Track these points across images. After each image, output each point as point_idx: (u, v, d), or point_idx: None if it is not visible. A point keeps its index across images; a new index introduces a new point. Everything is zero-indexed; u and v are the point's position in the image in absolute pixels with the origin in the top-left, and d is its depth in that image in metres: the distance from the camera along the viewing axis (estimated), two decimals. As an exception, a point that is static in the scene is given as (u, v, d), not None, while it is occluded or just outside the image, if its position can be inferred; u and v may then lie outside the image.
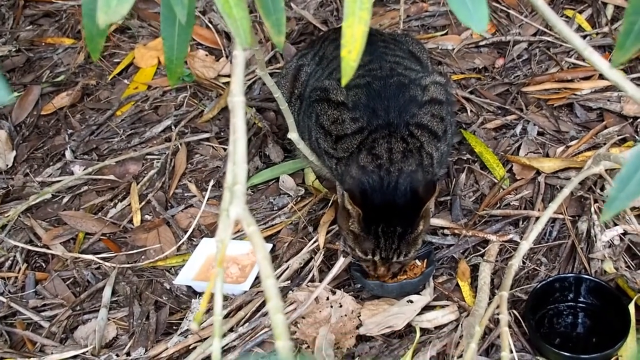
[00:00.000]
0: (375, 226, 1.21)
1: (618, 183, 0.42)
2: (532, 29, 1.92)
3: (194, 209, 1.60)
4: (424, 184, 1.23)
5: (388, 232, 1.21)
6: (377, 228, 1.21)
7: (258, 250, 0.44)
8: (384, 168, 1.23)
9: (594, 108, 1.68)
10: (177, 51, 0.73)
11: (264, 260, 0.44)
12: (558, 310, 1.28)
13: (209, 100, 1.87)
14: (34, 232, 1.59)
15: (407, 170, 1.23)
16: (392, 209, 1.22)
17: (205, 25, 2.06)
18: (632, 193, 0.41)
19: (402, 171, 1.23)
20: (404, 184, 1.22)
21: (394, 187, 1.22)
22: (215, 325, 0.54)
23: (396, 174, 1.22)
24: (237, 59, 0.54)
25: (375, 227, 1.21)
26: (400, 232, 1.21)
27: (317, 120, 1.35)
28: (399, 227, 1.21)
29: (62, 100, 1.93)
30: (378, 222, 1.21)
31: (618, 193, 0.42)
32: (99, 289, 1.45)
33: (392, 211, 1.22)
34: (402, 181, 1.22)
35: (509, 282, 0.89)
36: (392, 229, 1.21)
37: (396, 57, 1.43)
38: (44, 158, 1.79)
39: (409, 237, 1.23)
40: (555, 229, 1.42)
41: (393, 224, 1.21)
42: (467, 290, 1.33)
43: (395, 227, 1.21)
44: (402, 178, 1.22)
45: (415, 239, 1.24)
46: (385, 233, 1.21)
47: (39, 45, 2.13)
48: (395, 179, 1.22)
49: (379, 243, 1.23)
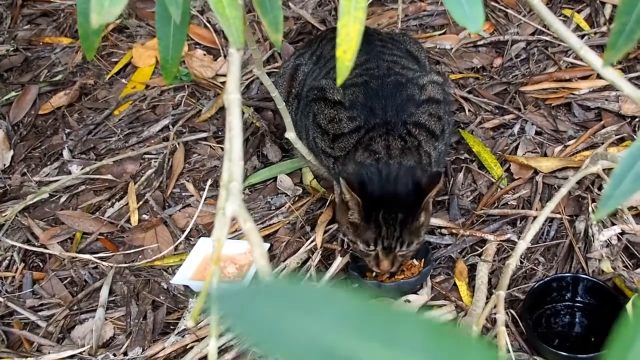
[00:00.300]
0: (375, 213, 1.20)
1: (613, 181, 0.42)
2: (531, 29, 1.92)
3: (191, 208, 1.60)
4: (429, 175, 1.22)
5: (389, 219, 1.20)
6: (378, 215, 1.20)
7: (255, 247, 0.44)
8: (382, 162, 1.23)
9: (592, 107, 1.68)
10: (172, 51, 0.73)
11: (261, 257, 0.44)
12: (555, 309, 1.28)
13: (206, 99, 1.86)
14: (31, 231, 1.59)
15: (406, 164, 1.23)
16: (393, 196, 1.21)
17: (204, 25, 2.05)
18: (627, 191, 0.41)
19: (402, 165, 1.23)
20: (404, 175, 1.22)
21: (395, 177, 1.21)
22: (211, 324, 0.54)
23: (396, 166, 1.22)
24: (232, 57, 0.54)
25: (375, 214, 1.20)
26: (402, 218, 1.20)
27: (314, 120, 1.35)
28: (400, 214, 1.20)
29: (60, 100, 1.92)
30: (378, 208, 1.20)
31: (612, 191, 0.42)
32: (96, 289, 1.45)
33: (393, 198, 1.20)
34: (402, 173, 1.22)
35: (506, 281, 0.89)
36: (394, 216, 1.20)
37: (393, 57, 1.43)
38: (42, 157, 1.79)
39: (410, 226, 1.21)
40: (552, 229, 1.42)
41: (394, 211, 1.20)
42: (464, 289, 1.33)
43: (396, 214, 1.20)
44: (402, 170, 1.22)
45: (417, 228, 1.22)
46: (386, 220, 1.20)
47: (37, 44, 2.13)
48: (395, 170, 1.22)
49: (380, 231, 1.21)
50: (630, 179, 0.41)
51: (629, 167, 0.42)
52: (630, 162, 0.42)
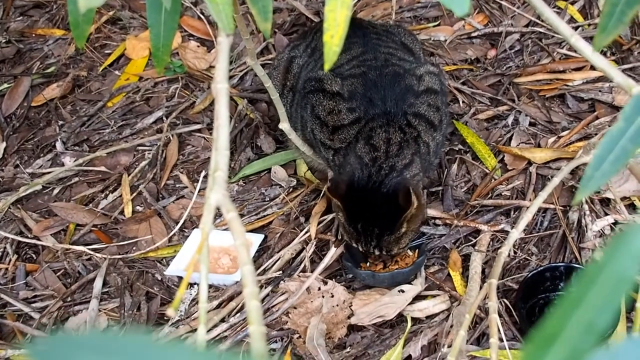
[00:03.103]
0: (355, 221, 1.22)
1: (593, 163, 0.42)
2: (525, 20, 1.92)
3: (185, 200, 1.60)
4: (404, 192, 1.19)
5: (367, 230, 1.22)
6: (357, 224, 1.22)
7: (237, 237, 0.44)
8: (377, 163, 1.23)
9: (585, 99, 1.68)
10: (164, 39, 0.73)
11: (241, 247, 0.43)
12: (549, 299, 1.28)
13: (200, 91, 1.86)
14: (24, 223, 1.58)
15: (399, 166, 1.23)
16: (371, 209, 1.22)
17: (197, 17, 2.05)
18: (607, 172, 0.41)
19: (394, 168, 1.22)
20: (388, 185, 1.21)
21: (377, 187, 1.21)
22: (200, 312, 0.54)
23: (387, 170, 1.22)
24: (221, 45, 0.53)
25: (355, 221, 1.22)
26: (378, 233, 1.22)
27: (313, 112, 1.34)
28: (377, 229, 1.21)
29: (53, 92, 1.92)
30: (357, 218, 1.22)
31: (593, 172, 0.42)
32: (89, 280, 1.45)
33: (370, 212, 1.22)
34: (387, 181, 1.21)
35: (499, 269, 0.89)
36: (371, 229, 1.22)
37: (389, 48, 1.42)
38: (35, 149, 1.78)
39: (388, 238, 1.23)
40: (546, 219, 1.42)
41: (371, 224, 1.22)
42: (458, 280, 1.33)
43: (373, 227, 1.21)
44: (388, 179, 1.21)
45: (397, 239, 1.24)
46: (364, 230, 1.22)
47: (29, 36, 2.12)
48: (381, 179, 1.21)
49: (359, 237, 1.24)
50: (609, 161, 0.41)
51: (609, 149, 0.42)
52: (611, 144, 0.42)
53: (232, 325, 1.31)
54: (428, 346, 1.22)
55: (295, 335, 1.27)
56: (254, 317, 0.37)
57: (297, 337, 1.27)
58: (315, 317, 1.27)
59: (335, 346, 1.25)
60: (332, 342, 1.26)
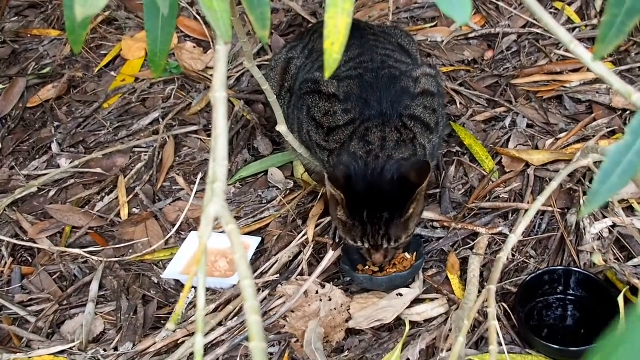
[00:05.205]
0: (360, 212, 1.20)
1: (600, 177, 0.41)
2: (522, 21, 1.91)
3: (182, 202, 1.59)
4: (416, 167, 1.19)
5: (374, 218, 1.20)
6: (362, 214, 1.20)
7: (236, 249, 0.43)
8: (372, 154, 1.22)
9: (583, 100, 1.68)
10: (161, 44, 0.72)
11: (241, 260, 0.43)
12: (547, 302, 1.28)
13: (196, 92, 1.85)
14: (19, 226, 1.57)
15: (397, 157, 1.22)
16: (377, 194, 1.20)
17: (193, 17, 2.04)
18: (614, 187, 0.41)
19: (392, 157, 1.21)
20: (390, 170, 1.20)
21: (380, 172, 1.20)
22: (197, 321, 0.53)
23: (384, 159, 1.21)
24: (219, 53, 0.53)
25: (360, 212, 1.20)
26: (387, 217, 1.20)
27: (309, 113, 1.34)
28: (386, 213, 1.20)
29: (48, 93, 1.91)
30: (362, 207, 1.20)
31: (600, 187, 0.42)
32: (86, 284, 1.44)
33: (377, 197, 1.20)
34: (389, 167, 1.20)
35: (497, 275, 0.89)
36: (379, 215, 1.20)
37: (386, 50, 1.42)
38: (30, 151, 1.77)
39: (397, 222, 1.21)
40: (544, 222, 1.42)
41: (379, 210, 1.20)
42: (456, 283, 1.33)
43: (381, 213, 1.20)
44: (389, 164, 1.20)
45: (405, 223, 1.22)
46: (371, 219, 1.20)
47: (25, 37, 2.10)
48: (382, 165, 1.20)
49: (365, 229, 1.21)
50: (617, 175, 0.41)
51: (616, 163, 0.41)
52: (618, 158, 0.41)
53: (229, 329, 1.30)
54: (426, 350, 1.22)
55: (293, 339, 1.27)
56: (255, 333, 0.36)
57: (295, 341, 1.26)
58: (313, 320, 1.26)
59: (333, 350, 1.25)
60: (330, 346, 1.25)
